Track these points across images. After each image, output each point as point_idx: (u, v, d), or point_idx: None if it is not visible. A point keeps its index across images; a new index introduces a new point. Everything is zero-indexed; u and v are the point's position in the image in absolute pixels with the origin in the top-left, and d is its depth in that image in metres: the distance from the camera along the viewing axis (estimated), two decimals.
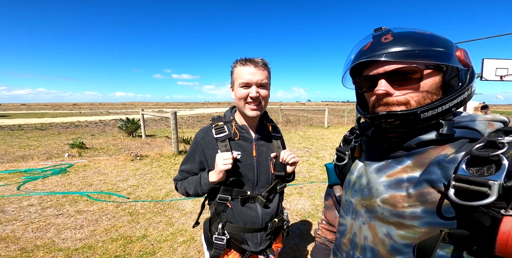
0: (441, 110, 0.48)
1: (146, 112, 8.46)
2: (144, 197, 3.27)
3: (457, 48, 0.49)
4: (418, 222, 0.47)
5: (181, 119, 17.42)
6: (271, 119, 1.12)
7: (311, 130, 10.43)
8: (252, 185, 0.99)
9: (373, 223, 0.55)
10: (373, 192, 0.55)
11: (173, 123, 5.53)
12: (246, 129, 1.00)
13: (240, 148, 0.98)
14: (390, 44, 0.49)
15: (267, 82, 0.94)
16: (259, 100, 0.94)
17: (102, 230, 2.44)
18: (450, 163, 0.45)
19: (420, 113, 0.48)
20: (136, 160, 5.12)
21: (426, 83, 0.49)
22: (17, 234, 2.33)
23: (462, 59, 0.47)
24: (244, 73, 0.91)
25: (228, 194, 0.97)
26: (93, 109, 43.36)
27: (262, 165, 1.00)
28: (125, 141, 7.71)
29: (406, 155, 0.53)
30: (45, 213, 2.79)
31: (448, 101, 0.48)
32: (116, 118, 13.29)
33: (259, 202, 1.00)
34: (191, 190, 0.99)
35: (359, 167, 0.64)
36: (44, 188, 3.56)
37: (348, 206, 0.64)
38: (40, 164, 4.84)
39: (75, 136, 8.78)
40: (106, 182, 3.86)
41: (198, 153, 1.01)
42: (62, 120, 16.19)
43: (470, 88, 0.50)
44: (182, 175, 1.07)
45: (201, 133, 1.02)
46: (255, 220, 0.99)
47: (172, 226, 2.55)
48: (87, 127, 12.39)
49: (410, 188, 0.48)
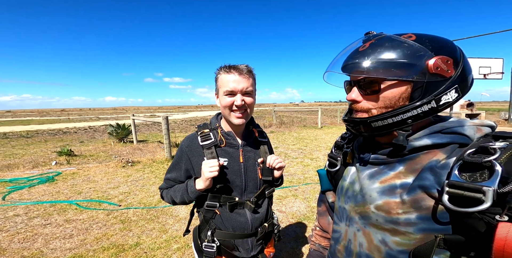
0: (392, 121, 0.50)
1: (137, 117, 8.32)
2: (136, 204, 3.19)
3: (433, 57, 0.47)
4: (413, 228, 0.47)
5: (174, 123, 17.21)
6: (257, 124, 1.13)
7: (305, 131, 10.52)
8: (240, 191, 0.99)
9: (368, 229, 0.55)
10: (367, 199, 0.55)
11: (165, 128, 5.46)
12: (232, 136, 1.00)
13: (226, 155, 0.98)
14: (362, 54, 0.52)
15: (252, 90, 0.94)
16: (245, 108, 0.94)
17: (92, 239, 2.36)
18: (443, 169, 0.45)
19: (370, 122, 0.52)
20: (128, 166, 5.01)
21: (388, 93, 0.51)
22: (3, 245, 2.23)
23: (431, 69, 0.46)
24: (229, 81, 0.90)
25: (216, 201, 0.97)
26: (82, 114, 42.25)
27: (250, 171, 1.00)
28: (116, 147, 7.53)
29: (398, 161, 0.53)
30: (32, 223, 2.68)
31: (399, 113, 0.49)
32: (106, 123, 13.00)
33: (248, 207, 0.99)
34: (177, 198, 0.98)
35: (352, 173, 0.64)
36: (31, 198, 3.42)
37: (342, 212, 0.63)
38: (26, 173, 4.66)
39: (63, 143, 8.52)
40: (96, 189, 3.75)
41: (183, 161, 1.00)
42: (49, 127, 15.68)
43: (437, 100, 0.48)
44: (167, 184, 1.05)
45: (187, 141, 1.01)
46: (244, 225, 0.98)
47: (165, 233, 2.50)
48: (75, 133, 12.05)
49: (404, 195, 0.48)
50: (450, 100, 0.49)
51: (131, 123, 8.13)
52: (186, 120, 19.99)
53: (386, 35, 0.52)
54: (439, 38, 0.51)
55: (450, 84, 0.48)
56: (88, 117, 30.53)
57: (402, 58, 0.48)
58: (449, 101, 0.49)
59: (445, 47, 0.49)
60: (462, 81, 0.49)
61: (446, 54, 0.48)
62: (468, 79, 0.50)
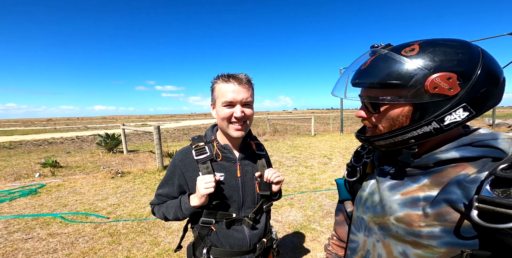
0: (394, 141, 0.51)
1: (127, 126, 8.15)
2: (126, 216, 3.04)
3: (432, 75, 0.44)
4: (437, 241, 0.46)
5: (166, 132, 16.92)
6: (255, 136, 1.09)
7: (299, 138, 10.57)
8: (238, 206, 0.95)
9: (387, 241, 0.54)
10: (386, 210, 0.54)
11: (156, 138, 5.36)
12: (229, 149, 0.95)
13: (223, 169, 0.93)
14: (362, 74, 0.53)
15: (252, 100, 0.89)
16: (244, 120, 0.89)
17: (78, 254, 2.21)
18: (472, 183, 0.43)
19: (373, 141, 0.54)
20: (117, 177, 4.82)
21: (390, 113, 0.51)
22: None
23: (428, 90, 0.44)
24: (227, 91, 0.84)
25: (212, 217, 0.92)
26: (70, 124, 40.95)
27: (248, 186, 0.96)
28: (105, 157, 7.28)
29: (422, 174, 0.52)
30: (12, 237, 2.51)
31: (399, 134, 0.49)
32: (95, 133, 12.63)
33: (245, 224, 0.95)
34: (170, 215, 0.93)
35: (371, 183, 0.63)
36: (11, 211, 3.21)
37: (360, 222, 0.63)
38: (7, 185, 4.40)
39: (48, 154, 8.16)
40: (83, 202, 3.57)
41: (176, 176, 0.95)
42: (33, 138, 15.05)
43: (440, 121, 0.46)
44: (159, 200, 1.00)
45: (180, 155, 0.96)
46: (242, 242, 0.93)
47: (157, 246, 2.38)
48: (62, 144, 11.61)
49: (427, 208, 0.48)
50: (457, 119, 0.45)
51: (121, 132, 7.94)
52: (178, 129, 19.72)
53: (385, 52, 0.50)
54: (448, 47, 0.46)
55: (455, 103, 0.44)
56: (76, 127, 29.60)
57: (395, 79, 0.46)
58: (457, 120, 0.45)
59: (451, 60, 0.44)
60: (475, 97, 0.44)
61: (451, 68, 0.44)
62: (489, 93, 0.45)
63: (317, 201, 3.48)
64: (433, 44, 0.47)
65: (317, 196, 3.67)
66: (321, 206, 3.29)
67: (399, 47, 0.50)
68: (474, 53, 0.45)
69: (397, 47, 0.50)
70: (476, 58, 0.44)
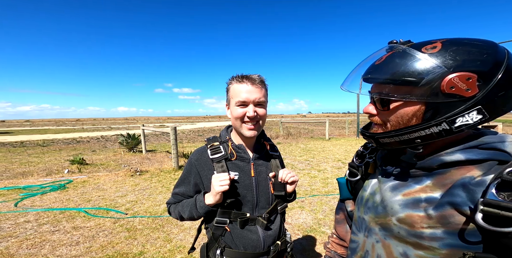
0: (399, 140, 0.50)
1: (147, 127, 8.56)
2: (143, 213, 3.20)
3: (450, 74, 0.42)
4: (439, 243, 0.45)
5: (182, 133, 17.50)
6: (269, 137, 1.10)
7: (312, 142, 10.41)
8: (252, 206, 0.95)
9: (388, 241, 0.54)
10: (388, 211, 0.54)
11: (173, 138, 5.58)
12: (243, 149, 0.97)
13: (237, 169, 0.95)
14: (375, 69, 0.52)
15: (265, 100, 0.91)
16: (257, 119, 0.91)
17: (98, 247, 2.37)
18: (477, 186, 0.42)
19: (378, 138, 0.53)
20: (136, 175, 5.08)
21: (401, 111, 0.50)
22: (11, 251, 2.27)
23: (445, 89, 0.43)
24: (241, 91, 0.87)
25: (226, 217, 0.92)
26: (96, 124, 43.79)
27: (261, 185, 0.96)
28: (126, 156, 7.70)
29: (425, 175, 0.51)
30: (41, 229, 2.74)
31: (405, 133, 0.48)
32: (118, 133, 13.40)
33: (259, 224, 0.94)
34: (185, 213, 0.94)
35: (373, 183, 0.62)
36: (42, 205, 3.51)
37: (361, 223, 0.62)
38: (40, 180, 4.81)
39: (76, 152, 8.79)
40: (105, 197, 3.81)
41: (192, 175, 0.97)
42: (64, 136, 16.30)
43: (451, 122, 0.44)
44: (175, 198, 1.02)
45: (196, 154, 0.99)
46: (256, 243, 0.93)
47: (170, 242, 2.48)
48: (88, 143, 12.44)
49: (430, 209, 0.47)
50: (469, 122, 0.44)
51: (141, 133, 8.36)
52: (193, 131, 20.29)
53: (403, 48, 0.48)
54: (472, 47, 0.44)
55: (470, 105, 0.43)
56: (101, 127, 31.57)
57: (411, 76, 0.45)
58: (469, 123, 0.44)
59: (474, 60, 0.43)
60: (491, 101, 0.43)
61: (471, 68, 0.42)
62: (507, 97, 0.43)
63: (329, 204, 3.41)
64: (457, 43, 0.45)
65: (329, 200, 3.60)
66: (332, 209, 3.23)
67: (420, 44, 0.48)
68: (500, 55, 0.43)
69: (418, 44, 0.49)
70: (501, 59, 0.43)
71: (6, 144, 11.93)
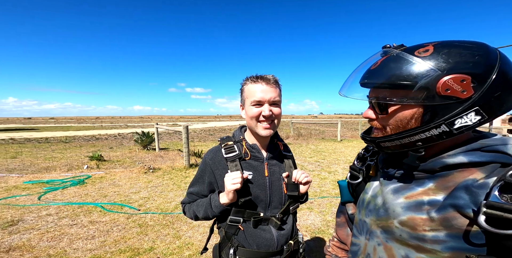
0: (400, 143, 0.50)
1: (160, 125, 8.81)
2: (154, 209, 3.31)
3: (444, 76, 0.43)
4: (441, 246, 0.45)
5: (194, 132, 17.84)
6: (281, 138, 1.11)
7: (323, 143, 10.23)
8: (265, 205, 0.95)
9: (390, 244, 0.53)
10: (390, 213, 0.54)
11: (184, 137, 5.70)
12: (257, 149, 0.98)
13: (251, 168, 0.96)
14: (371, 74, 0.52)
15: (279, 100, 0.92)
16: (272, 119, 0.92)
17: (111, 241, 2.48)
18: (480, 189, 0.43)
19: (379, 142, 0.54)
20: (149, 172, 5.26)
21: (399, 114, 0.50)
22: (32, 243, 2.42)
23: (440, 91, 0.43)
24: (256, 90, 0.89)
25: (240, 216, 0.93)
26: (113, 122, 45.76)
27: (275, 185, 0.97)
28: (140, 154, 7.99)
29: (428, 177, 0.51)
30: (61, 222, 2.90)
31: (405, 136, 0.49)
32: (133, 131, 13.92)
33: (273, 224, 0.95)
34: (200, 213, 0.96)
35: (374, 186, 0.63)
36: (63, 199, 3.73)
37: (362, 225, 0.62)
38: (61, 175, 5.11)
39: (95, 149, 9.23)
40: (120, 193, 3.98)
41: (207, 174, 0.98)
42: (84, 133, 17.19)
43: (450, 124, 0.45)
44: (190, 198, 1.04)
45: (210, 154, 1.00)
46: (269, 243, 0.93)
47: (179, 239, 2.55)
48: (106, 140, 13.03)
49: (433, 212, 0.47)
50: (468, 123, 0.44)
51: (154, 131, 8.63)
52: (205, 130, 20.62)
53: (397, 52, 0.49)
54: (464, 49, 0.45)
55: (468, 106, 0.43)
56: (118, 125, 32.95)
57: (406, 80, 0.46)
58: (468, 124, 0.44)
59: (467, 62, 0.43)
60: (488, 101, 0.43)
61: (465, 70, 0.43)
62: (503, 97, 0.44)
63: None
64: (448, 45, 0.46)
65: (339, 201, 3.53)
66: None
67: (413, 48, 0.49)
68: (491, 56, 0.44)
69: (411, 48, 0.50)
70: (493, 61, 0.43)
71: (32, 140, 12.78)
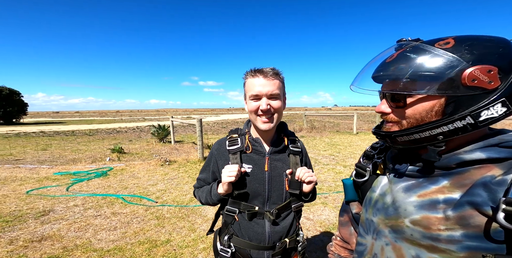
0: (419, 137, 0.49)
1: (175, 119, 9.02)
2: (171, 202, 3.44)
3: (470, 67, 0.43)
4: (456, 246, 0.44)
5: (207, 125, 18.14)
6: (291, 132, 1.09)
7: (338, 136, 9.94)
8: (263, 200, 0.97)
9: (399, 244, 0.52)
10: (401, 212, 0.52)
11: (198, 130, 5.79)
12: (260, 142, 0.99)
13: (251, 162, 0.97)
14: (388, 66, 0.51)
15: (279, 93, 0.91)
16: (271, 113, 0.92)
17: (132, 233, 2.62)
18: (499, 186, 0.42)
19: (395, 137, 0.52)
20: (165, 165, 5.45)
21: (418, 107, 0.49)
22: (61, 233, 2.62)
23: (466, 82, 0.42)
24: (254, 84, 0.89)
25: (236, 207, 0.97)
26: (132, 116, 47.75)
27: (275, 181, 0.97)
28: (157, 146, 8.29)
29: (442, 175, 0.49)
30: (87, 213, 3.11)
31: (426, 129, 0.47)
32: (150, 124, 14.43)
33: (267, 218, 0.96)
34: (203, 199, 1.03)
35: (383, 184, 0.61)
36: (88, 190, 3.98)
37: (369, 225, 0.61)
38: (86, 167, 5.45)
39: (116, 141, 9.71)
40: (139, 185, 4.17)
41: (212, 163, 1.04)
42: (106, 127, 18.14)
43: (476, 116, 0.44)
44: (199, 183, 1.12)
45: (216, 145, 1.05)
46: (261, 237, 0.96)
47: (194, 232, 2.64)
48: (126, 133, 13.66)
49: (449, 210, 0.45)
50: (494, 115, 0.44)
51: (170, 124, 8.86)
52: (217, 123, 20.86)
53: (416, 44, 0.48)
54: (486, 42, 0.45)
55: (494, 98, 0.43)
56: (136, 118, 34.34)
57: (430, 70, 0.45)
58: (494, 116, 0.44)
59: (492, 54, 0.43)
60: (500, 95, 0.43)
61: (491, 62, 0.43)
62: None
63: None
64: (470, 38, 0.46)
65: None
66: None
67: (432, 41, 0.49)
68: None
69: (429, 41, 0.49)
70: None
71: (60, 133, 13.72)
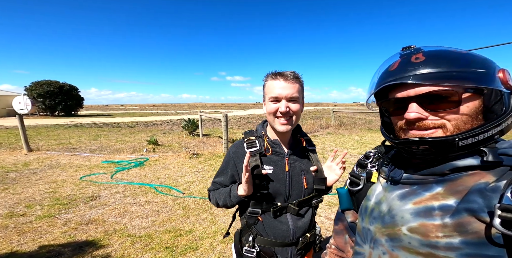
0: (483, 138, 0.47)
1: (203, 113, 9.44)
2: (196, 194, 3.70)
3: (499, 69, 0.46)
4: (455, 253, 0.43)
5: (233, 119, 18.54)
6: (305, 133, 1.13)
7: (370, 134, 9.28)
8: (284, 199, 1.00)
9: (396, 253, 0.51)
10: (397, 220, 0.52)
11: (224, 125, 5.99)
12: (278, 144, 1.02)
13: (272, 163, 1.00)
14: (422, 65, 0.48)
15: (298, 96, 0.94)
16: (290, 115, 0.94)
17: (160, 221, 2.90)
18: (493, 192, 0.42)
19: (459, 141, 0.47)
20: (193, 157, 5.81)
21: (467, 107, 0.47)
22: (104, 218, 3.00)
23: (505, 81, 0.45)
24: (274, 87, 0.92)
25: (258, 208, 1.00)
26: (167, 109, 51.20)
27: (295, 180, 1.01)
28: (187, 139, 8.84)
29: (436, 182, 0.50)
30: (125, 200, 3.51)
31: (491, 128, 0.46)
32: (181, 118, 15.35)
33: (291, 211, 0.99)
34: (220, 201, 1.05)
35: (378, 192, 0.61)
36: (127, 178, 4.47)
37: (366, 233, 0.60)
38: (128, 156, 6.10)
39: (152, 134, 10.59)
40: (169, 176, 4.55)
41: (230, 166, 1.05)
42: (145, 119, 19.85)
43: None
44: (214, 186, 1.14)
45: (234, 147, 1.07)
46: (286, 234, 0.99)
47: (215, 224, 2.82)
48: (160, 125, 14.79)
49: (446, 217, 0.45)
50: None
51: (198, 118, 9.33)
52: (243, 117, 21.12)
53: (436, 47, 0.50)
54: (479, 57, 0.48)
55: None
56: (170, 112, 36.69)
57: (478, 67, 0.46)
58: None
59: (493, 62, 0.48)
60: None
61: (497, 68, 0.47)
62: None
63: None
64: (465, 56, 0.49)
65: None
66: None
67: None
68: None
69: None
70: None
71: (108, 124, 15.47)
